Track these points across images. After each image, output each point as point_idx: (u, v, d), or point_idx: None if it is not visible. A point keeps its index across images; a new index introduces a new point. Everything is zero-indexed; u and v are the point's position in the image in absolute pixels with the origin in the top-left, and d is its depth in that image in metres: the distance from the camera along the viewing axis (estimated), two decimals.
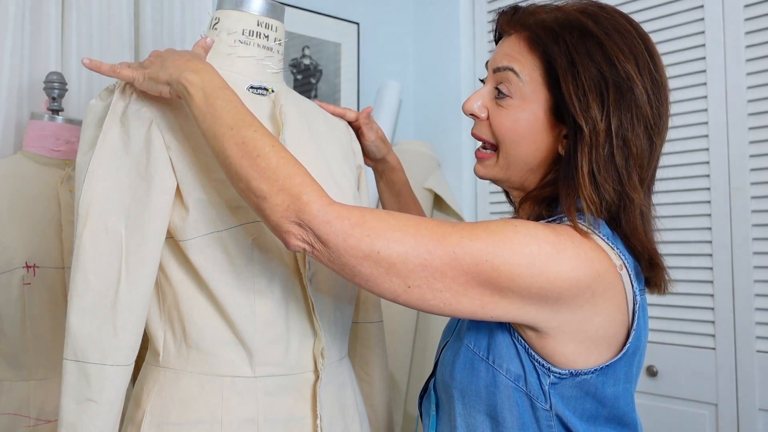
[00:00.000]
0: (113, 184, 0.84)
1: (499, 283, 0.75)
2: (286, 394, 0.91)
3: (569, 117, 0.81)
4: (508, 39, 0.89)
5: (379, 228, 0.75)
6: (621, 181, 0.80)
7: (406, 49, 2.37)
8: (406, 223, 0.76)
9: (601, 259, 0.78)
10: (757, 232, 1.64)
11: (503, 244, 0.75)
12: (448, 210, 2.15)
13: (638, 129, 0.81)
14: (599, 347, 0.81)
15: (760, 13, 1.65)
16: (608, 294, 0.79)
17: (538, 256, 0.75)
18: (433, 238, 0.75)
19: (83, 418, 0.81)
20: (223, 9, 0.99)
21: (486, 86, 0.90)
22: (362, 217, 0.75)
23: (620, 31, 0.82)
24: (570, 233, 0.78)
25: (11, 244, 1.24)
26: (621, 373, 0.83)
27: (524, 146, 0.86)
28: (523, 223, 0.77)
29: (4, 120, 1.40)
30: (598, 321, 0.79)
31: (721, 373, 1.68)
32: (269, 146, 0.78)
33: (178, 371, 0.88)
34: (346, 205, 0.77)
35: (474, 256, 0.75)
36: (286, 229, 0.76)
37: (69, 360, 0.83)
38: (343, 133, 1.11)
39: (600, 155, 0.79)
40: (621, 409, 0.84)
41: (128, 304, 0.83)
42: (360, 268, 0.75)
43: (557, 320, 0.78)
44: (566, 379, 0.80)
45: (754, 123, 1.66)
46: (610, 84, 0.80)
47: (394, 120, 2.24)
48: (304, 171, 0.78)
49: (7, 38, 1.40)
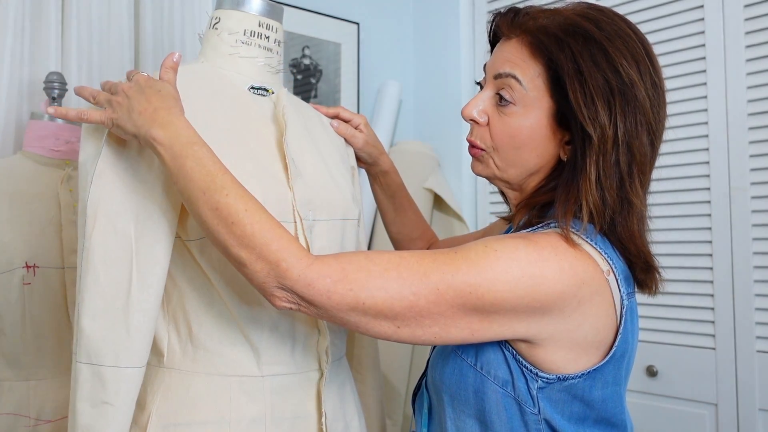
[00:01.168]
0: (121, 184, 0.84)
1: (485, 309, 0.76)
2: (293, 393, 0.91)
3: (576, 124, 0.81)
4: (508, 43, 0.87)
5: (361, 279, 0.75)
6: (623, 187, 0.81)
7: (406, 49, 2.37)
8: (387, 267, 0.76)
9: (586, 267, 0.78)
10: (757, 232, 1.64)
11: (485, 272, 0.75)
12: (448, 210, 2.15)
13: (642, 134, 0.81)
14: (587, 352, 0.81)
15: (760, 13, 1.65)
16: (595, 300, 0.79)
17: (522, 279, 0.75)
18: (415, 278, 0.75)
19: (100, 421, 0.81)
20: (223, 9, 0.99)
21: (486, 91, 0.89)
22: (342, 271, 0.76)
23: (621, 35, 0.82)
24: (553, 243, 0.78)
25: (11, 244, 1.24)
26: (609, 377, 0.83)
27: (525, 152, 0.86)
28: (503, 246, 0.77)
29: (4, 120, 1.40)
30: (586, 327, 0.80)
31: (721, 373, 1.68)
32: (243, 211, 0.76)
33: (183, 372, 0.88)
34: (325, 260, 0.77)
35: (457, 289, 0.75)
36: (270, 293, 0.78)
37: (82, 363, 0.82)
38: (337, 134, 1.12)
39: (607, 162, 0.80)
40: (609, 410, 0.85)
41: (141, 305, 0.83)
42: (348, 318, 0.77)
43: (547, 331, 0.79)
44: (554, 384, 0.81)
45: (754, 123, 1.66)
46: (615, 90, 0.80)
47: (394, 120, 2.24)
48: (280, 232, 0.77)
49: (7, 38, 1.40)
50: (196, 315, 0.88)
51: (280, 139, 0.95)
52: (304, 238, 0.91)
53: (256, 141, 0.93)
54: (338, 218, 0.98)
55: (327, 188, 0.98)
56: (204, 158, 0.78)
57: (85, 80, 1.52)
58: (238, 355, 0.88)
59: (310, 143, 1.01)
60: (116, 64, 1.56)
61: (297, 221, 0.90)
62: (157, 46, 1.64)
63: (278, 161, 0.93)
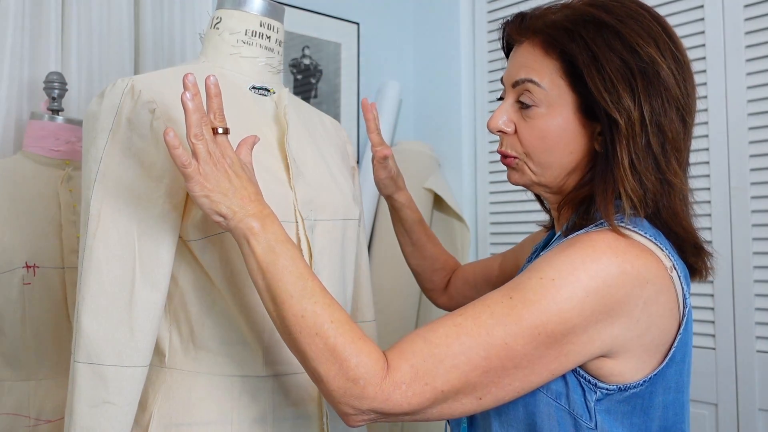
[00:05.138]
0: (124, 184, 0.84)
1: (558, 341, 0.72)
2: (294, 393, 0.91)
3: (602, 112, 0.78)
4: (520, 48, 0.85)
5: (430, 368, 0.71)
6: (660, 168, 0.78)
7: (406, 49, 2.37)
8: (447, 342, 0.72)
9: (649, 265, 0.75)
10: (757, 232, 1.64)
11: (549, 308, 0.72)
12: (448, 210, 2.15)
13: (671, 112, 0.78)
14: (652, 357, 0.77)
15: (760, 13, 1.65)
16: (660, 300, 0.76)
17: (587, 298, 0.72)
18: (480, 341, 0.72)
19: (101, 421, 0.81)
20: (224, 8, 0.99)
21: (507, 101, 0.87)
22: (412, 369, 0.72)
23: (633, 16, 0.80)
24: (610, 243, 0.75)
25: (11, 244, 1.24)
26: (672, 382, 0.79)
27: (558, 152, 0.83)
28: (558, 271, 0.73)
29: (4, 120, 1.40)
30: (654, 330, 0.76)
31: (721, 373, 1.68)
32: (328, 322, 0.73)
33: (185, 372, 0.88)
34: (394, 365, 0.72)
35: (526, 336, 0.72)
36: (344, 412, 0.74)
37: (81, 362, 0.82)
38: (337, 134, 1.13)
39: (638, 145, 0.77)
40: (670, 420, 0.80)
41: (144, 305, 0.83)
42: (431, 412, 0.73)
43: (619, 342, 0.75)
44: (614, 395, 0.77)
45: (754, 123, 1.66)
46: (635, 71, 0.77)
47: (394, 120, 2.24)
48: (361, 344, 0.73)
49: (7, 38, 1.40)
50: (198, 315, 0.88)
51: (282, 139, 0.95)
52: (306, 238, 0.91)
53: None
54: (339, 218, 0.98)
55: (328, 188, 0.98)
56: (296, 258, 0.76)
57: (85, 80, 1.52)
58: (240, 355, 0.88)
59: (311, 143, 1.01)
60: (116, 64, 1.56)
61: (298, 221, 0.90)
62: (157, 46, 1.64)
63: (279, 161, 0.93)
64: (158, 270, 0.84)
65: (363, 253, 1.12)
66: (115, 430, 0.81)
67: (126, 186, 0.84)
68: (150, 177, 0.85)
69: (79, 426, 0.81)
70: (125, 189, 0.84)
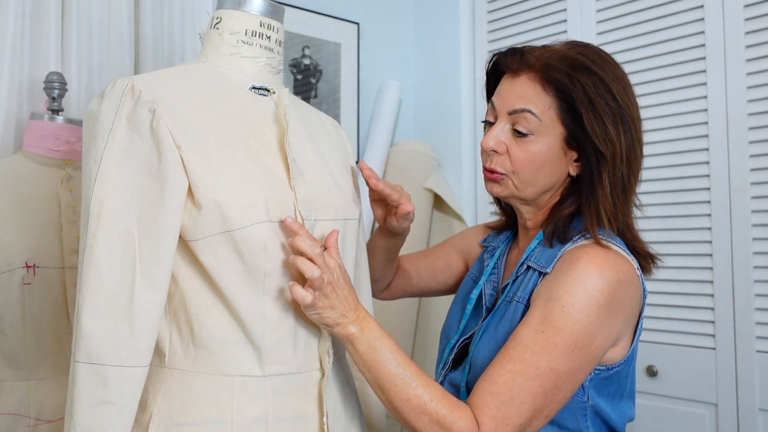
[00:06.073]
0: (125, 184, 0.84)
1: (586, 347, 0.90)
2: (294, 393, 0.91)
3: (589, 144, 0.95)
4: (518, 80, 0.99)
5: (505, 412, 0.87)
6: (625, 192, 0.98)
7: (406, 49, 2.37)
8: (509, 386, 0.88)
9: (628, 270, 0.94)
10: (757, 232, 1.65)
11: (576, 328, 0.89)
12: (448, 210, 2.16)
13: (636, 147, 0.98)
14: (628, 339, 0.97)
15: (760, 13, 1.66)
16: (635, 295, 0.96)
17: (600, 308, 0.90)
18: (532, 377, 0.88)
19: (101, 421, 0.81)
20: (224, 8, 0.99)
21: (501, 125, 0.99)
22: (492, 418, 0.87)
23: (606, 65, 0.97)
24: (606, 259, 0.92)
25: (11, 244, 1.24)
26: (635, 355, 1.00)
27: (542, 173, 0.99)
28: (574, 294, 0.90)
29: (4, 120, 1.40)
30: (632, 318, 0.97)
31: (721, 373, 1.68)
32: (429, 401, 0.88)
33: (185, 372, 0.88)
34: (481, 420, 0.87)
35: (564, 357, 0.89)
36: None
37: (81, 363, 0.81)
38: (337, 134, 1.13)
39: (616, 173, 0.95)
40: (629, 385, 1.01)
41: (144, 305, 0.82)
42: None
43: (620, 332, 0.95)
44: (602, 373, 0.96)
45: (754, 123, 1.66)
46: (616, 113, 0.95)
47: (394, 120, 2.24)
48: (457, 412, 0.88)
49: (7, 38, 1.40)
50: (198, 315, 0.88)
51: (282, 139, 0.95)
52: None
53: (257, 141, 0.93)
54: (339, 218, 0.98)
55: (328, 188, 0.98)
56: (394, 350, 0.91)
57: (85, 80, 1.52)
58: (240, 355, 0.88)
59: (311, 143, 1.01)
60: (116, 64, 1.56)
61: (299, 221, 0.90)
62: (157, 46, 1.64)
63: (280, 161, 0.93)
64: (158, 270, 0.84)
65: (363, 252, 1.12)
66: (116, 430, 0.81)
67: (126, 186, 0.84)
68: (150, 177, 0.85)
69: (80, 426, 0.81)
70: (125, 189, 0.84)
